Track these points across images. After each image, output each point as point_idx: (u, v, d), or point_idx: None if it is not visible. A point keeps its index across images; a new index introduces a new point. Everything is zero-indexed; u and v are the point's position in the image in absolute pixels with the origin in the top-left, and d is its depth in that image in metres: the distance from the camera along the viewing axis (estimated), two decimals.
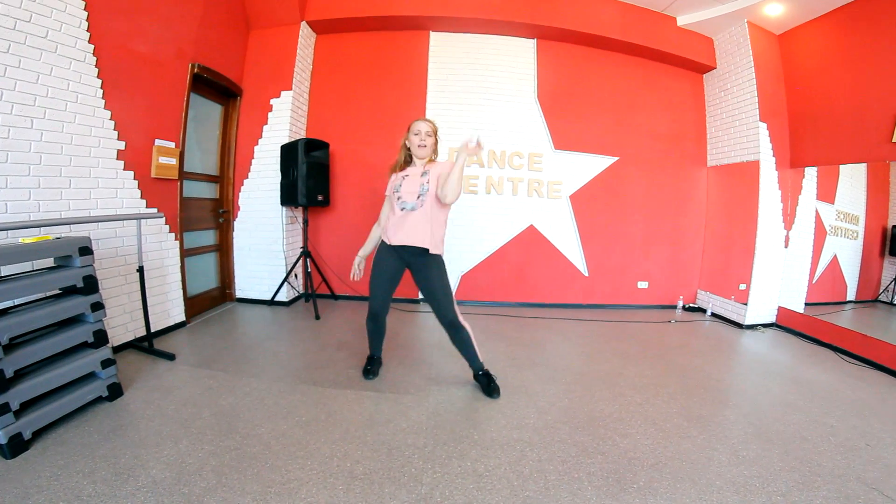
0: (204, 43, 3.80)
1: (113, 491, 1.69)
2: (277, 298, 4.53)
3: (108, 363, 2.39)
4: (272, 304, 4.54)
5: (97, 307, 2.37)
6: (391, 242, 2.57)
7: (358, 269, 2.80)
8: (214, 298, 4.43)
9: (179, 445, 2.02)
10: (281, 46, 4.43)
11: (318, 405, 2.46)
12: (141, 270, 3.04)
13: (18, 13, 2.39)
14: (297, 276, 4.71)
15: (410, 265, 2.61)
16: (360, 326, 3.89)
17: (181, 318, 3.74)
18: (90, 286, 2.34)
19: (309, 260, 4.39)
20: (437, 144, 2.67)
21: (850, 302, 4.62)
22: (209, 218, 4.33)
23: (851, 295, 4.62)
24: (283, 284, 4.47)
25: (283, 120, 4.41)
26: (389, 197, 2.67)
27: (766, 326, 4.53)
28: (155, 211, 3.36)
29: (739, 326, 4.52)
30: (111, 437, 2.07)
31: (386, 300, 2.72)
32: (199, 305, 4.13)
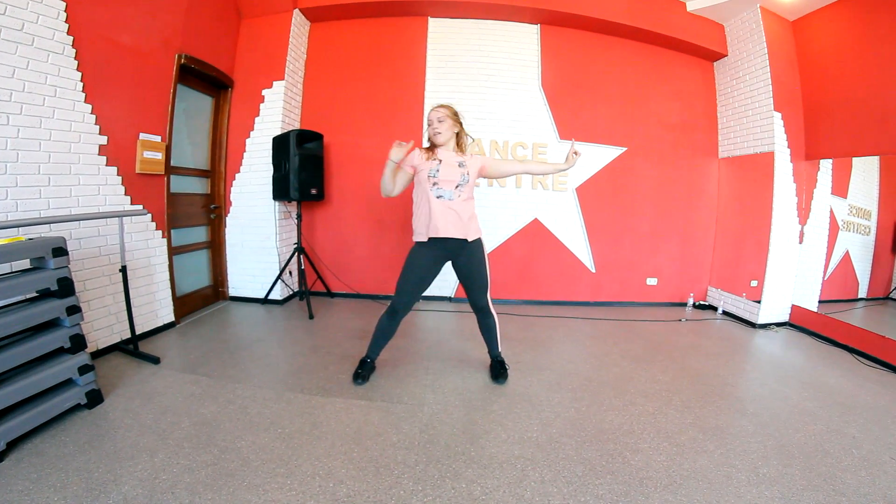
0: (191, 33, 3.63)
1: None
2: (271, 297, 4.39)
3: (86, 369, 2.27)
4: (266, 302, 4.40)
5: (73, 311, 2.26)
6: (434, 235, 2.49)
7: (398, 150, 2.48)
8: (206, 297, 4.30)
9: (155, 459, 1.90)
10: (273, 35, 4.26)
11: (303, 415, 2.32)
12: (124, 270, 2.91)
13: None
14: (291, 273, 4.57)
15: (454, 257, 2.61)
16: (354, 326, 3.81)
17: (170, 318, 3.61)
18: (65, 289, 2.23)
19: (303, 256, 4.24)
20: (460, 127, 2.62)
21: (861, 299, 4.52)
22: (200, 214, 4.18)
23: (863, 292, 4.51)
24: (276, 282, 4.33)
25: (275, 111, 4.25)
26: (405, 173, 2.57)
27: (779, 326, 4.36)
28: (139, 208, 3.22)
29: (752, 325, 4.34)
30: (87, 448, 1.97)
31: (411, 301, 2.67)
32: (190, 305, 4.00)
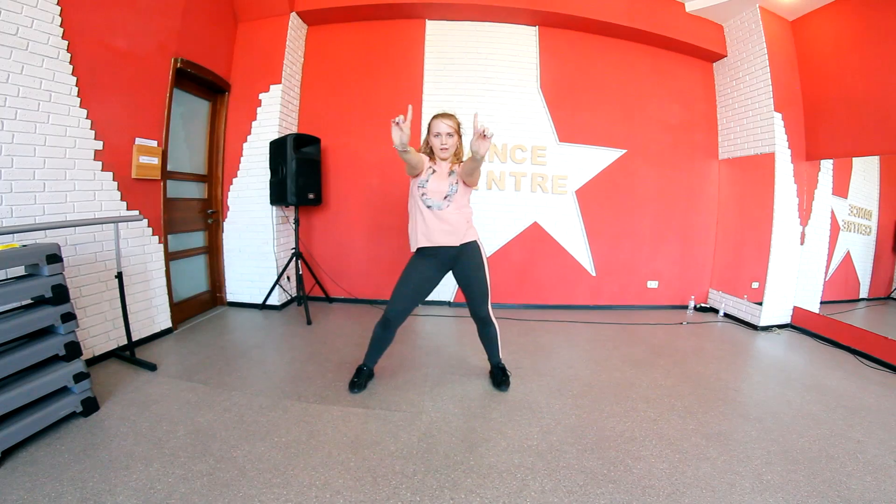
0: (188, 36, 3.62)
1: None
2: (269, 302, 4.36)
3: (81, 377, 2.26)
4: (264, 307, 4.37)
5: (68, 318, 2.24)
6: (424, 245, 2.51)
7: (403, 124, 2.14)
8: (204, 302, 4.27)
9: (150, 468, 1.88)
10: (270, 39, 4.24)
11: (300, 423, 2.29)
12: (120, 276, 2.89)
13: None
14: (289, 278, 4.54)
15: (452, 265, 2.59)
16: (352, 332, 3.77)
17: (167, 324, 3.58)
18: (60, 296, 2.21)
19: (301, 261, 4.21)
20: (460, 141, 2.58)
21: (862, 300, 4.49)
22: (197, 219, 4.16)
23: (864, 292, 4.48)
24: (274, 287, 4.30)
25: (272, 115, 4.23)
26: (415, 152, 2.39)
27: (780, 328, 4.33)
28: (135, 213, 3.20)
29: (754, 328, 4.31)
30: (82, 457, 1.94)
31: (406, 310, 2.61)
32: (187, 310, 3.97)
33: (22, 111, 2.48)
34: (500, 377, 2.80)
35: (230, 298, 4.49)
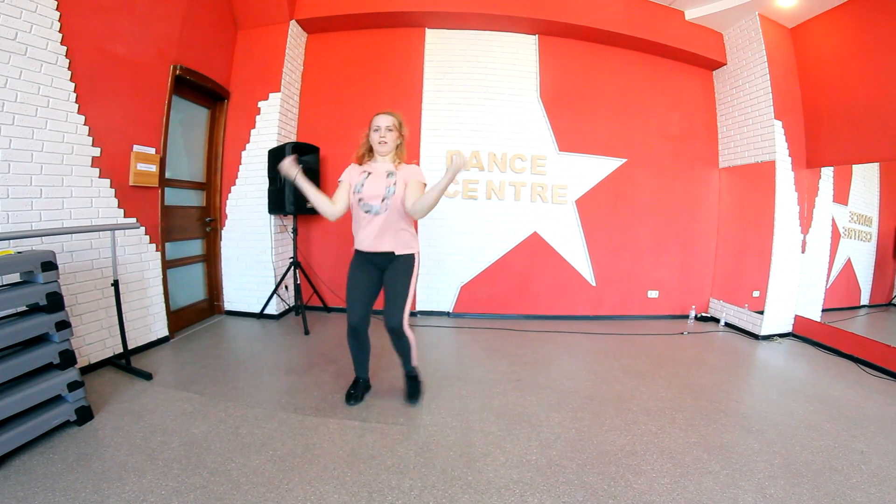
0: (187, 43, 3.62)
1: None
2: (267, 311, 4.33)
3: (75, 385, 2.24)
4: (261, 317, 4.34)
5: (63, 326, 2.22)
6: (360, 248, 2.48)
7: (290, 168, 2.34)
8: (202, 311, 4.24)
9: (143, 480, 1.85)
10: (269, 46, 4.25)
11: (295, 436, 2.25)
12: (116, 284, 2.86)
13: None
14: (287, 287, 4.51)
15: (383, 268, 2.51)
16: None
17: (164, 332, 3.55)
18: (54, 304, 2.19)
19: (299, 271, 4.18)
20: (403, 139, 2.51)
21: (863, 306, 4.47)
22: (195, 227, 4.14)
23: (865, 299, 4.47)
24: (272, 297, 4.27)
25: (271, 123, 4.22)
26: (344, 187, 2.49)
27: (782, 336, 4.30)
28: (133, 221, 3.18)
29: (755, 337, 4.28)
30: (75, 467, 1.92)
31: (365, 313, 2.50)
32: (184, 319, 3.94)
33: (20, 116, 2.47)
34: (412, 387, 2.68)
35: (228, 307, 4.46)
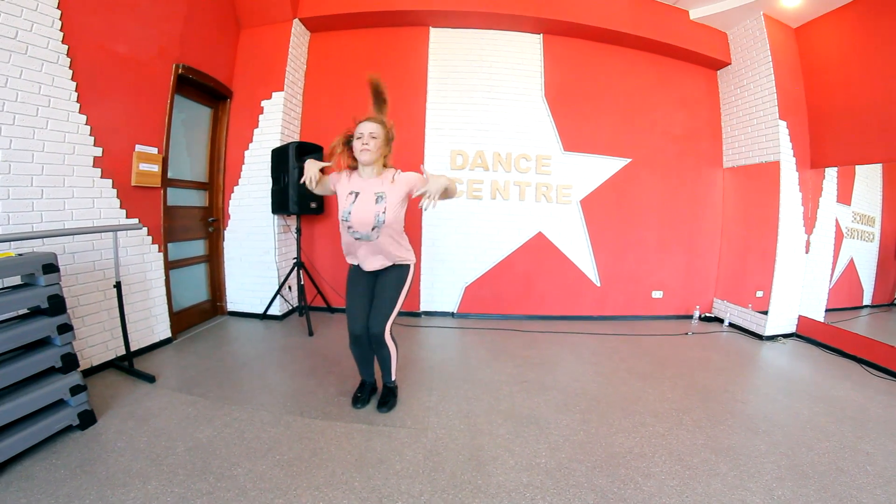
0: (189, 42, 3.59)
1: None
2: (270, 312, 4.31)
3: (77, 389, 2.21)
4: (265, 318, 4.32)
5: (65, 329, 2.20)
6: (353, 263, 2.51)
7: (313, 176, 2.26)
8: (204, 312, 4.21)
9: (148, 486, 1.82)
10: (272, 45, 4.22)
11: (302, 440, 2.23)
12: (118, 286, 2.84)
13: None
14: (290, 288, 4.49)
15: (377, 276, 2.50)
16: None
17: (167, 334, 3.53)
18: (56, 307, 2.17)
19: (302, 271, 4.16)
20: (389, 145, 2.36)
21: (866, 307, 4.44)
22: (198, 227, 4.11)
23: (868, 299, 4.43)
24: (275, 297, 4.25)
25: (274, 123, 4.19)
26: (330, 183, 2.44)
27: (786, 337, 4.29)
28: (135, 222, 3.15)
29: (759, 337, 4.27)
30: (78, 472, 1.89)
31: (366, 322, 2.46)
32: (187, 320, 3.92)
33: (20, 116, 2.45)
34: (386, 396, 2.62)
35: (231, 308, 4.44)
